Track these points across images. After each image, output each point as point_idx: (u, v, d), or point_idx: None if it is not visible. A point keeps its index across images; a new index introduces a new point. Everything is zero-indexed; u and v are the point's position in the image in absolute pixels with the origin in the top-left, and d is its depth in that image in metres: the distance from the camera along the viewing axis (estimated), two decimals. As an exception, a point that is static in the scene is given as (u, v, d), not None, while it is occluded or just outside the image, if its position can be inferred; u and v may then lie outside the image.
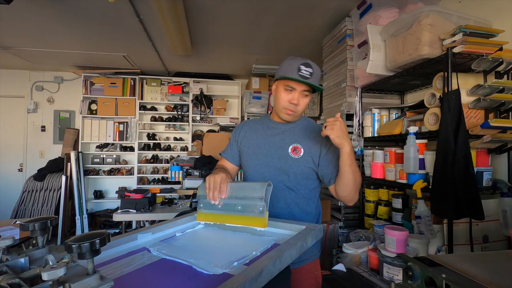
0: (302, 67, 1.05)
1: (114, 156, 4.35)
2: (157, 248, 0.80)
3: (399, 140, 2.02)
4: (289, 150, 1.15)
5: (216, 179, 1.00)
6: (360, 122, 2.06)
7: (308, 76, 1.06)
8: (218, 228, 1.02)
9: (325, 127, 0.98)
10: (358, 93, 2.07)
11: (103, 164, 4.29)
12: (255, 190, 0.95)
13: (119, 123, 4.30)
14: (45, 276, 0.41)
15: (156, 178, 4.40)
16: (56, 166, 3.97)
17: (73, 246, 0.44)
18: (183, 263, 0.70)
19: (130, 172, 4.36)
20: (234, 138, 1.30)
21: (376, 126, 1.96)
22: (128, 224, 3.66)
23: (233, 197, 0.99)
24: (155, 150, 4.42)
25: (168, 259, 0.73)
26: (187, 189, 2.96)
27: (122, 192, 2.67)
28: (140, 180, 4.38)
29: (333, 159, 1.12)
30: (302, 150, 1.14)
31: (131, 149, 4.36)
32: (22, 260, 0.54)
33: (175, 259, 0.73)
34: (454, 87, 1.30)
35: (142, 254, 0.77)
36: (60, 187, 3.80)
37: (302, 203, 1.16)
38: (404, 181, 1.60)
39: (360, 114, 2.06)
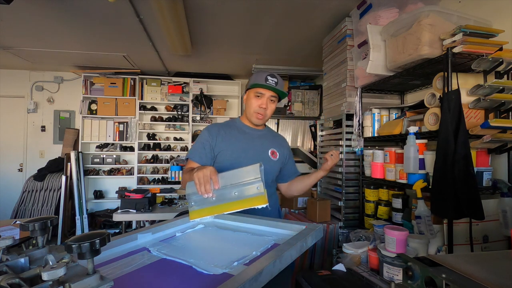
0: (269, 77, 1.27)
1: (114, 156, 4.34)
2: (157, 248, 0.80)
3: (399, 140, 2.02)
4: (269, 153, 1.35)
5: (205, 172, 0.96)
6: (360, 122, 2.06)
7: (274, 84, 1.27)
8: (218, 228, 1.02)
9: (331, 155, 1.33)
10: (358, 93, 2.07)
11: (103, 164, 4.28)
12: (250, 173, 0.95)
13: (119, 123, 4.30)
14: (45, 276, 0.41)
15: (156, 178, 4.40)
16: (56, 166, 3.98)
17: (73, 246, 0.44)
18: (183, 263, 0.70)
19: (130, 172, 4.35)
20: (207, 142, 1.29)
21: (376, 126, 1.96)
22: (128, 224, 3.66)
23: (227, 186, 0.97)
24: (155, 150, 4.41)
25: (168, 259, 0.73)
26: (187, 189, 2.96)
27: (122, 192, 2.67)
28: (140, 180, 4.38)
29: (293, 163, 1.48)
30: (278, 153, 1.39)
31: (131, 149, 4.35)
32: (22, 260, 0.54)
33: (175, 259, 0.73)
34: (454, 87, 1.29)
35: (142, 254, 0.77)
36: (60, 187, 3.81)
37: (275, 192, 1.43)
38: (404, 181, 1.60)
39: (360, 114, 2.06)
